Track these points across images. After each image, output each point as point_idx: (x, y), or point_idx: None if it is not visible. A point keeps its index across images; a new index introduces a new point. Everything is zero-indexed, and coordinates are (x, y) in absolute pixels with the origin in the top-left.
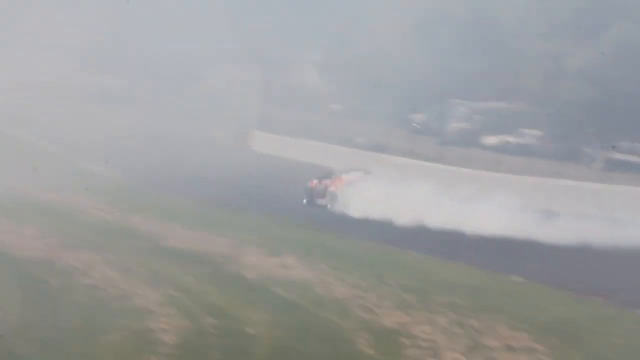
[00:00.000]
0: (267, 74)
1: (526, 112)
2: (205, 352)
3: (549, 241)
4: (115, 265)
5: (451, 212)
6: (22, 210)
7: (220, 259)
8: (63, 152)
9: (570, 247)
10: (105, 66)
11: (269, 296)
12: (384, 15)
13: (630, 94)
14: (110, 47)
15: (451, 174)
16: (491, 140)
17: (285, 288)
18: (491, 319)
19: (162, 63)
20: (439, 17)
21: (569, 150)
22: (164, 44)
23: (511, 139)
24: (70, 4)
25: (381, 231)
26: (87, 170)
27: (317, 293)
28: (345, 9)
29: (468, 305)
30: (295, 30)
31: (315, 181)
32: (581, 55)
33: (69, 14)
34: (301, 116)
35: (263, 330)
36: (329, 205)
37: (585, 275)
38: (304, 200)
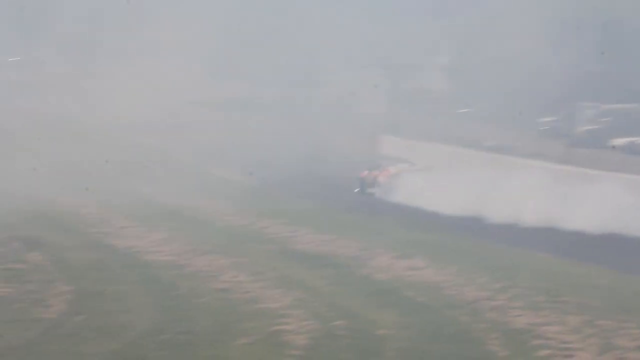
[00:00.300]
0: (394, 79)
1: None
2: (336, 354)
3: None
4: (245, 269)
5: (554, 209)
6: (153, 216)
7: (350, 261)
8: (193, 158)
9: None
10: (235, 73)
11: (399, 298)
12: (512, 17)
13: None
14: (240, 54)
15: (571, 173)
16: (620, 141)
17: (415, 290)
18: (622, 320)
19: (291, 70)
20: (569, 19)
21: None
22: (292, 50)
23: None
24: (202, 12)
25: (500, 232)
26: (217, 176)
27: (447, 295)
28: (472, 11)
29: (598, 306)
30: (422, 33)
31: (366, 172)
32: None
33: (201, 22)
34: (429, 120)
35: (393, 332)
36: (376, 194)
37: None
38: (356, 190)
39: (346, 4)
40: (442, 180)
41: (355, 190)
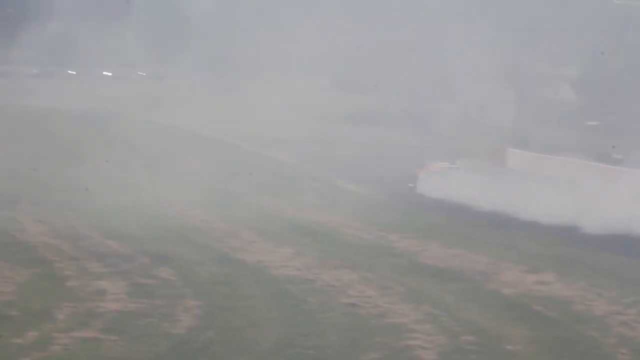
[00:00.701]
0: (521, 91)
1: None
2: None
3: None
4: (373, 283)
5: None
6: (281, 231)
7: (478, 276)
8: (322, 172)
9: None
10: (363, 87)
11: (528, 313)
12: None
13: None
14: (368, 68)
15: None
16: None
17: (544, 305)
18: None
19: (419, 83)
20: None
21: None
22: (420, 63)
23: None
24: (330, 27)
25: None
26: (346, 189)
27: (576, 310)
28: (600, 23)
29: None
30: (550, 46)
31: (418, 169)
32: None
33: (329, 36)
34: (556, 133)
35: (522, 347)
36: (417, 188)
37: None
38: (410, 184)
39: (473, 17)
40: (567, 194)
41: (409, 185)
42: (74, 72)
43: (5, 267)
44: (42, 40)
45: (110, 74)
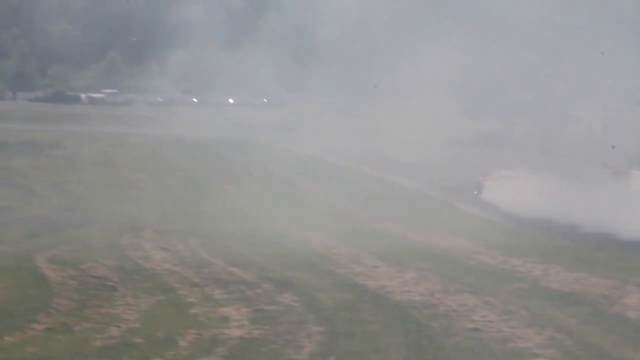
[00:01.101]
0: None
1: None
2: None
3: None
4: (496, 307)
5: None
6: (403, 256)
7: (601, 299)
8: (439, 194)
9: None
10: (483, 110)
11: None
12: None
13: None
14: (492, 91)
15: None
16: None
17: None
18: None
19: (542, 106)
20: None
21: None
22: (543, 86)
23: None
24: (454, 51)
25: None
26: (466, 213)
27: None
28: None
29: None
30: None
31: (482, 177)
32: None
33: (453, 60)
34: None
35: None
36: (481, 195)
37: None
38: (475, 192)
39: (595, 37)
40: None
41: (475, 192)
42: (196, 100)
43: (129, 294)
44: (167, 68)
45: (232, 100)
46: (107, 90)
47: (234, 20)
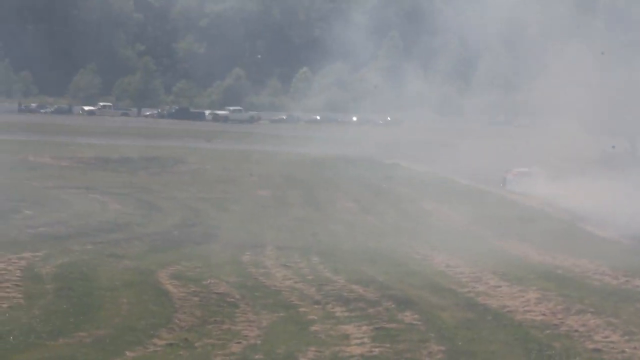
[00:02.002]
0: None
1: None
2: None
3: None
4: (618, 328)
5: None
6: (525, 275)
7: None
8: (565, 215)
9: None
10: (612, 129)
11: None
12: None
13: None
14: (616, 109)
15: None
16: None
17: None
18: None
19: None
20: None
21: None
22: None
23: None
24: (576, 67)
25: None
26: (589, 232)
27: None
28: None
29: None
30: None
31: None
32: None
33: (578, 76)
34: None
35: None
36: (507, 186)
37: None
38: (501, 184)
39: None
40: None
41: (501, 185)
42: (319, 117)
43: (250, 311)
44: (290, 85)
45: (355, 118)
46: (231, 108)
47: (358, 39)
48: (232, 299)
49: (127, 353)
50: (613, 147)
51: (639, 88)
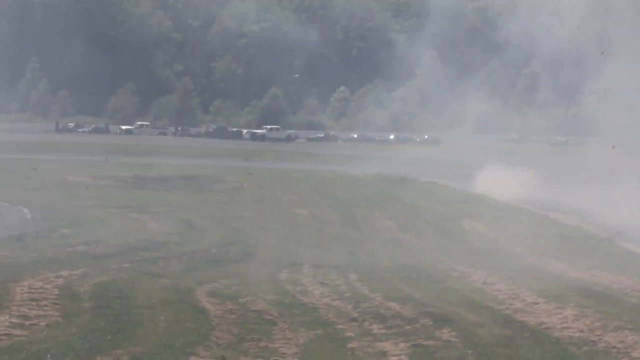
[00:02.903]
0: None
1: None
2: None
3: None
4: None
5: None
6: (563, 292)
7: None
8: (601, 232)
9: None
10: None
11: None
12: None
13: None
14: None
15: None
16: None
17: None
18: None
19: None
20: None
21: None
22: None
23: None
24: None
25: None
26: (627, 250)
27: None
28: None
29: None
30: None
31: None
32: None
33: None
34: None
35: None
36: None
37: None
38: None
39: None
40: None
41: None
42: (356, 136)
43: (287, 328)
44: (328, 104)
45: (393, 136)
46: (269, 126)
47: (396, 57)
48: (269, 317)
49: None
50: (613, 147)
51: None
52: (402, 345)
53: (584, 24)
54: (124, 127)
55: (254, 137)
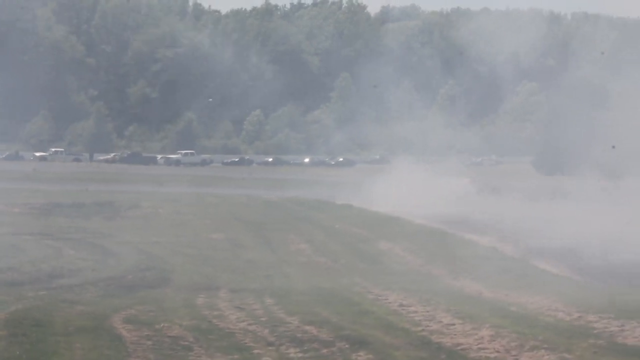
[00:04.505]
0: None
1: None
2: None
3: None
4: None
5: None
6: (479, 313)
7: None
8: (516, 253)
9: None
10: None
11: None
12: None
13: None
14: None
15: None
16: None
17: None
18: None
19: None
20: None
21: None
22: None
23: None
24: None
25: None
26: (541, 269)
27: None
28: None
29: None
30: None
31: None
32: None
33: None
34: None
35: None
36: None
37: None
38: None
39: None
40: None
41: None
42: (271, 159)
43: (204, 354)
44: (242, 128)
45: (307, 160)
46: (183, 151)
47: (307, 81)
48: (185, 342)
49: None
50: (613, 147)
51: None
52: None
53: (498, 45)
54: (37, 154)
55: (168, 162)
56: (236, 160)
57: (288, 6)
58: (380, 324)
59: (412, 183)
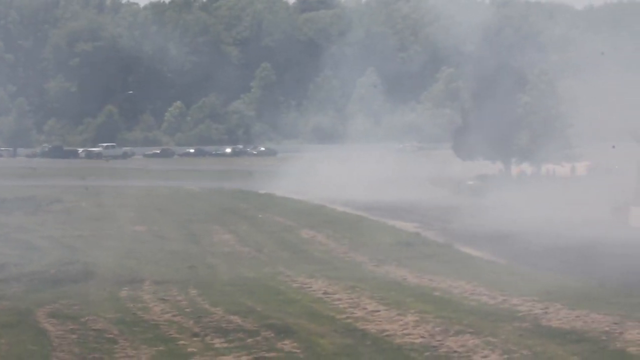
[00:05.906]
0: None
1: None
2: None
3: None
4: (497, 347)
5: None
6: (403, 299)
7: (603, 336)
8: (440, 238)
9: None
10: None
11: None
12: None
13: None
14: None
15: None
16: None
17: None
18: None
19: None
20: None
21: None
22: None
23: None
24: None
25: None
26: (465, 254)
27: None
28: None
29: None
30: None
31: None
32: None
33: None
34: None
35: None
36: None
37: None
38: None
39: None
40: None
41: None
42: (193, 150)
43: (129, 346)
44: (163, 120)
45: (229, 150)
46: (104, 144)
47: (231, 70)
48: (110, 335)
49: None
50: (613, 146)
51: None
52: (244, 358)
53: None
54: None
55: (89, 155)
56: (158, 152)
57: None
58: (305, 312)
59: (334, 170)
